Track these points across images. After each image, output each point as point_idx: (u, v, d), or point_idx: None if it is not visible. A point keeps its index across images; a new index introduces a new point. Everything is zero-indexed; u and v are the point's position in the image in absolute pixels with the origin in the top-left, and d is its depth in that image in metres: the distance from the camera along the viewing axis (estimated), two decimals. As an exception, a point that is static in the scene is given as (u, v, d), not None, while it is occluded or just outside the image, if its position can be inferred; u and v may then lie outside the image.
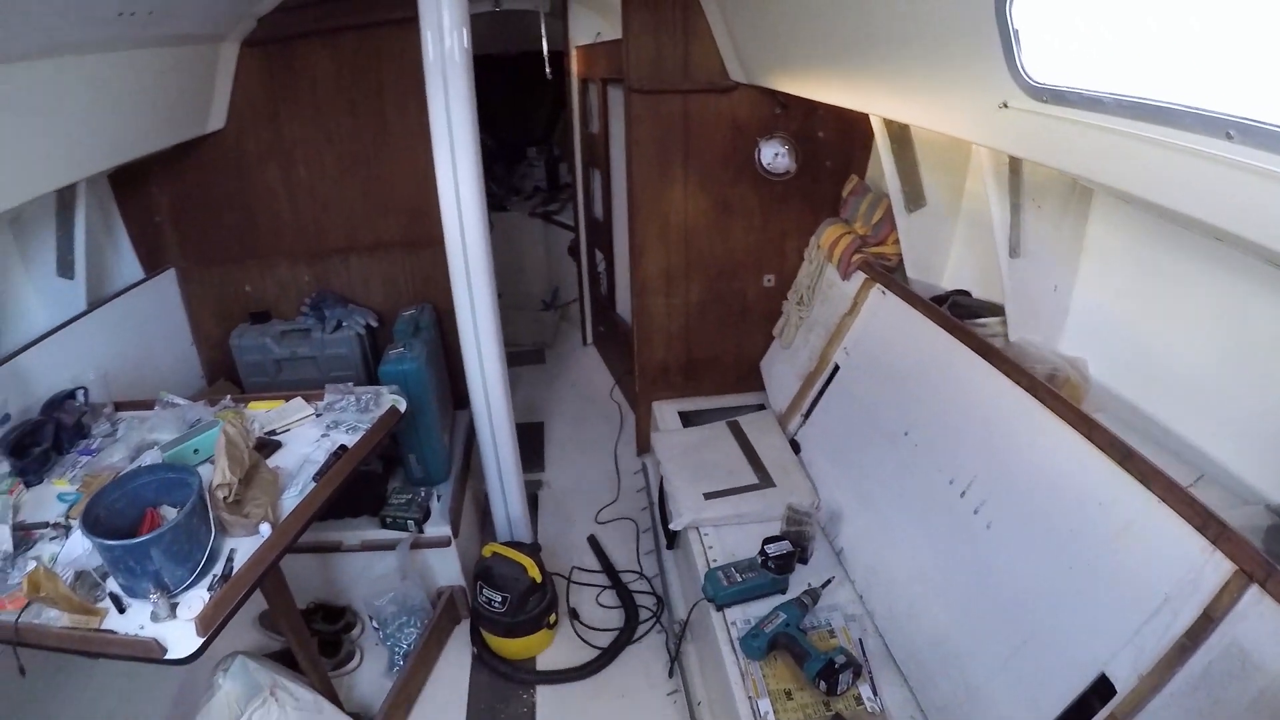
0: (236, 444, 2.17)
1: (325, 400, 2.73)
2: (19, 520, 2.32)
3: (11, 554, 2.19)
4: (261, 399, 2.82)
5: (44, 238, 3.12)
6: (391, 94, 3.40)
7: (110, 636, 1.90)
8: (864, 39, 2.02)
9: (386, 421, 2.63)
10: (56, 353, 3.01)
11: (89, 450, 2.70)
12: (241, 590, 1.97)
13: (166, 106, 3.12)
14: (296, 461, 2.44)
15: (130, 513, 2.12)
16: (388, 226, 3.66)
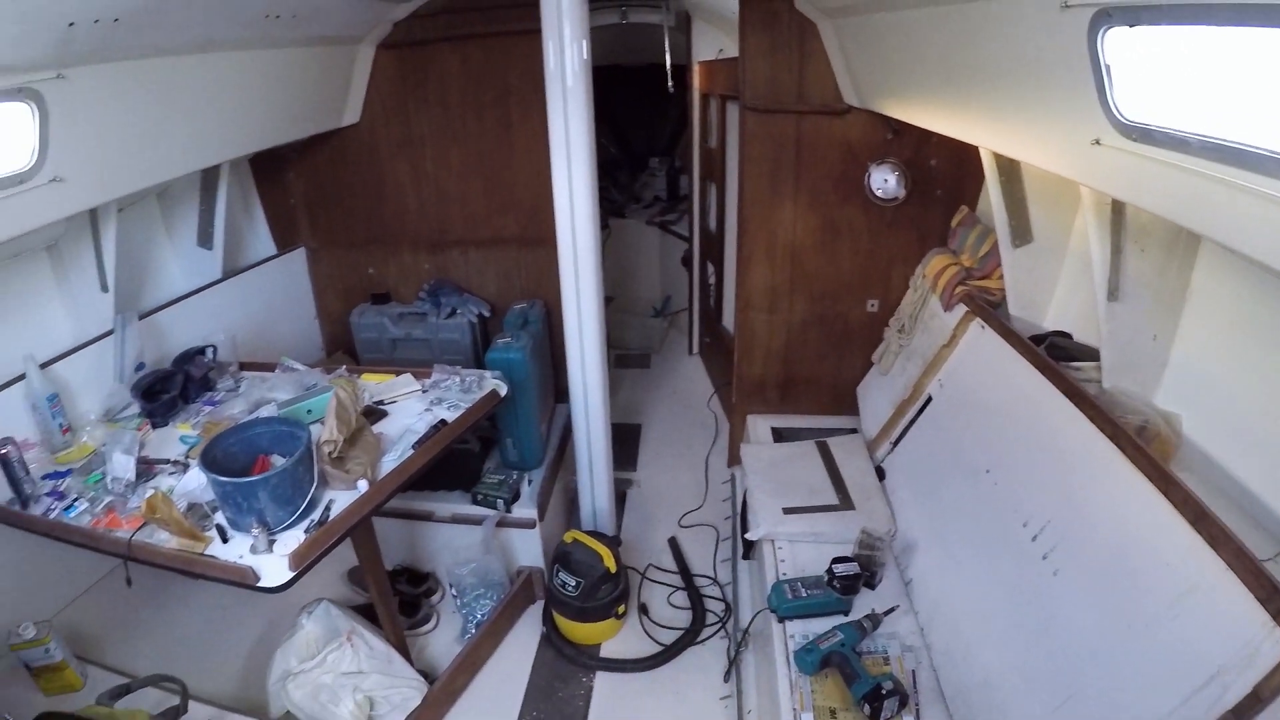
0: (346, 407, 2.34)
1: (432, 378, 2.88)
2: (143, 455, 2.55)
3: (133, 482, 2.43)
4: (374, 371, 3.00)
5: (187, 211, 3.40)
6: (516, 99, 3.54)
7: (212, 561, 2.09)
8: (968, 69, 1.97)
9: (486, 403, 2.77)
10: (191, 313, 3.28)
11: (212, 401, 2.92)
12: (334, 536, 2.14)
13: (306, 100, 3.36)
14: (399, 430, 2.61)
15: (243, 457, 2.32)
16: (506, 224, 3.80)
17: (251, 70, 2.88)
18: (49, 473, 2.57)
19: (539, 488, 3.22)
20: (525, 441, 3.28)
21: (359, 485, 2.27)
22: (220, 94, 2.81)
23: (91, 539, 2.29)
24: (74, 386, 2.82)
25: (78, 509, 2.39)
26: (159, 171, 2.78)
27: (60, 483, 2.50)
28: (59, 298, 2.95)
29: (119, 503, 2.38)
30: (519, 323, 3.40)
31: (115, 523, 2.31)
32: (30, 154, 2.19)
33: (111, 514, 2.35)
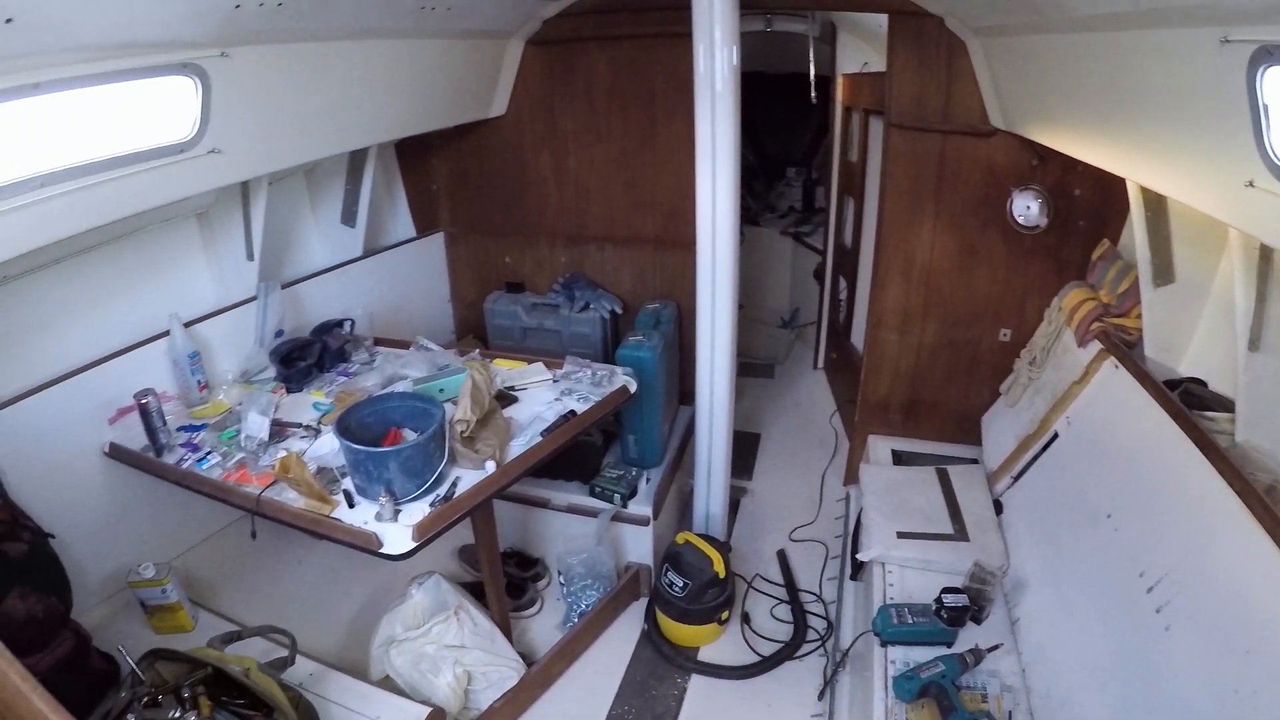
0: (480, 389, 2.47)
1: (564, 369, 3.02)
2: (277, 417, 2.76)
3: (266, 442, 2.63)
4: (507, 357, 3.16)
5: (332, 189, 3.62)
6: (661, 101, 3.60)
7: (338, 524, 2.22)
8: (1121, 98, 1.95)
9: (615, 398, 2.88)
10: (330, 287, 3.51)
11: (346, 372, 3.12)
12: (458, 512, 2.26)
13: (455, 90, 3.52)
14: (528, 416, 2.74)
15: (376, 428, 2.48)
16: (644, 223, 3.89)
17: (404, 59, 3.06)
18: (184, 425, 2.80)
19: (656, 486, 3.32)
20: (647, 440, 3.39)
21: (486, 466, 2.39)
22: (373, 80, 2.99)
23: (221, 491, 2.47)
24: (214, 347, 3.07)
25: (210, 462, 2.59)
26: (310, 150, 2.99)
27: (195, 435, 2.72)
28: (205, 262, 3.21)
29: (250, 460, 2.56)
30: (651, 322, 3.49)
31: (245, 478, 2.49)
32: (192, 126, 2.38)
33: (242, 470, 2.53)
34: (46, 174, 2.10)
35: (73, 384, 2.68)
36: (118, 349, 2.84)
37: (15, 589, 2.26)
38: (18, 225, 2.08)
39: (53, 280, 2.72)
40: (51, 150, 2.13)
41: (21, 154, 2.06)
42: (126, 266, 2.96)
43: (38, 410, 2.59)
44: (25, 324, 2.69)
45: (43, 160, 2.11)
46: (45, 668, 2.32)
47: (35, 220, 2.12)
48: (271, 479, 2.37)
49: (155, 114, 2.32)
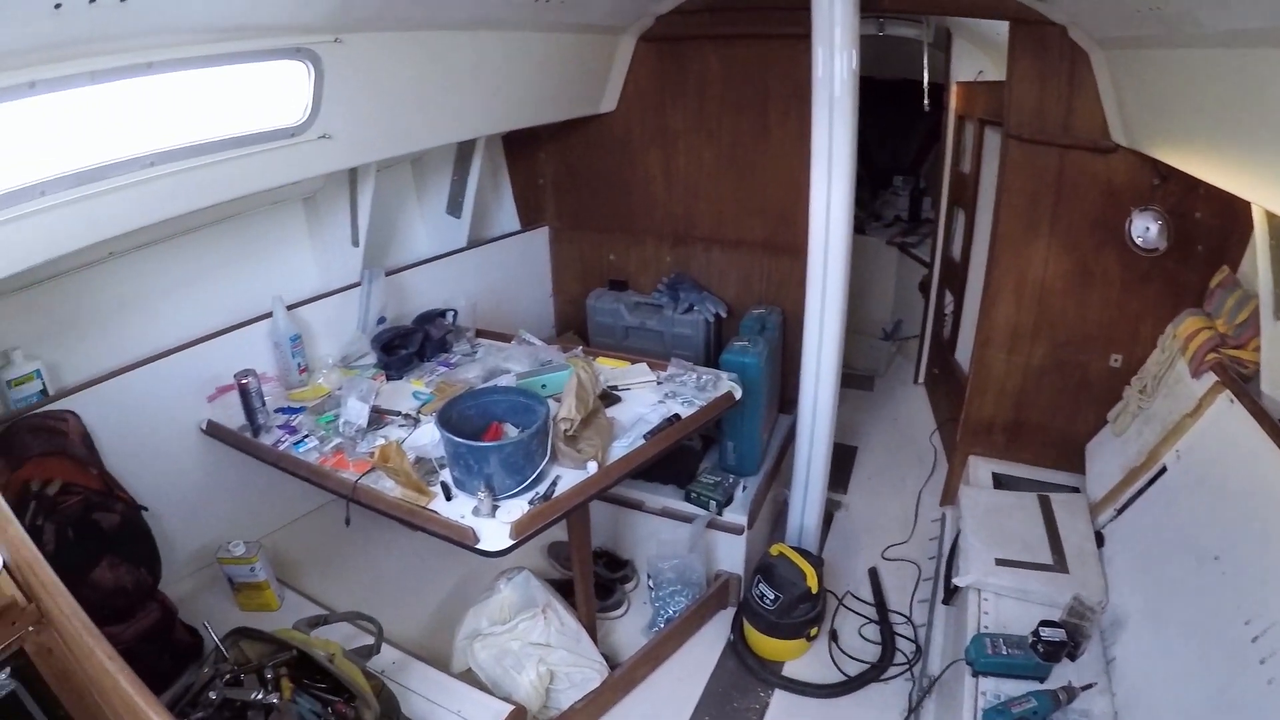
0: (585, 387, 2.51)
1: (668, 371, 3.06)
2: (376, 404, 2.83)
3: (364, 429, 2.72)
4: (610, 356, 3.23)
5: (439, 179, 3.74)
6: (775, 104, 3.60)
7: (435, 516, 2.28)
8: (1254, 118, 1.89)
9: (720, 404, 2.90)
10: (434, 277, 3.63)
11: (447, 363, 3.22)
12: (558, 511, 2.30)
13: (566, 85, 3.59)
14: (631, 418, 2.79)
15: (478, 421, 2.55)
16: (752, 227, 3.90)
17: (517, 51, 3.13)
18: (281, 407, 2.93)
19: (752, 495, 3.34)
20: (746, 447, 3.42)
21: (588, 466, 2.43)
22: (484, 71, 3.06)
23: (318, 475, 2.54)
24: (315, 331, 3.20)
25: (307, 445, 2.68)
26: (419, 139, 3.11)
27: (293, 418, 2.84)
28: (310, 247, 3.36)
29: (348, 446, 2.64)
30: (756, 328, 3.51)
31: (342, 464, 2.57)
32: (303, 110, 2.47)
33: (339, 455, 2.61)
34: (157, 153, 2.18)
35: (175, 360, 2.83)
36: (220, 328, 2.98)
37: (105, 558, 2.37)
38: (126, 203, 2.17)
39: (160, 257, 2.85)
40: (163, 131, 2.20)
41: (133, 133, 2.13)
42: (233, 247, 3.10)
43: (139, 384, 2.73)
44: (131, 299, 2.84)
45: (153, 140, 2.18)
46: (130, 637, 2.44)
47: (144, 199, 2.22)
48: (369, 466, 2.45)
49: (266, 98, 2.41)
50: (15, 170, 1.93)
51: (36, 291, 2.59)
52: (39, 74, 1.81)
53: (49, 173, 1.98)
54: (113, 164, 2.10)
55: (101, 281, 2.75)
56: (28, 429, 2.45)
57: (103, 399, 2.66)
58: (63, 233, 2.10)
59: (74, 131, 2.00)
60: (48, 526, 2.24)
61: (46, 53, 1.79)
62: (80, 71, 1.89)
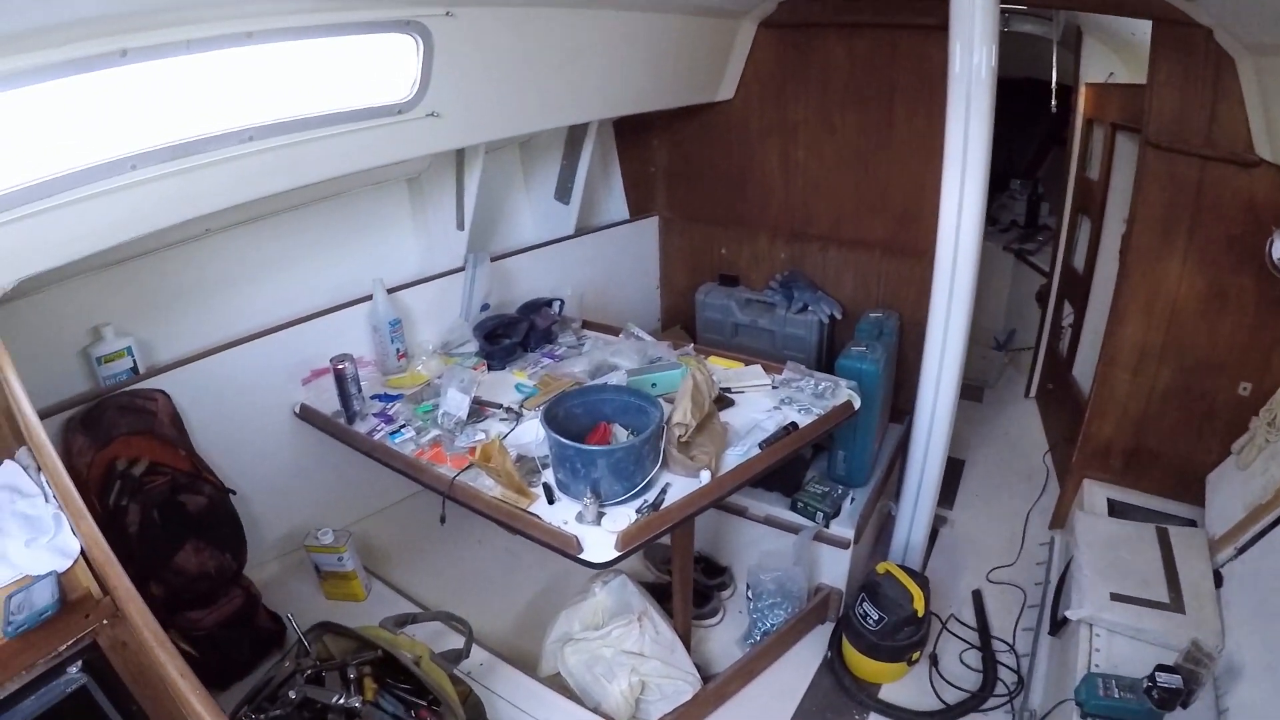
0: (701, 390, 2.45)
1: (783, 375, 2.99)
2: (477, 395, 2.77)
3: (464, 422, 2.66)
4: (722, 355, 3.17)
5: (547, 163, 3.71)
6: (902, 98, 3.50)
7: (536, 520, 2.22)
8: None
9: (839, 414, 2.80)
10: (538, 264, 3.62)
11: (552, 355, 3.19)
12: (667, 523, 2.22)
13: (683, 70, 3.53)
14: (745, 424, 2.70)
15: (585, 420, 2.49)
16: (872, 226, 3.81)
17: (633, 32, 3.08)
18: (377, 394, 2.91)
19: (860, 508, 3.28)
20: (857, 457, 3.36)
21: (701, 475, 2.35)
22: (599, 52, 3.01)
23: (413, 469, 2.50)
24: (416, 315, 3.20)
25: (404, 436, 2.65)
26: (530, 121, 3.07)
27: (389, 406, 2.83)
28: (413, 229, 3.37)
29: (446, 439, 2.60)
30: (874, 333, 3.44)
31: (439, 458, 2.53)
32: (411, 86, 2.42)
33: (436, 448, 2.57)
34: (255, 128, 2.15)
35: (270, 341, 2.85)
36: (318, 310, 3.00)
37: (190, 542, 2.42)
38: (222, 180, 2.17)
39: (258, 235, 2.87)
40: (262, 105, 2.17)
41: (231, 107, 2.09)
42: (333, 227, 3.12)
43: (232, 365, 2.77)
44: (227, 277, 2.86)
45: (252, 114, 2.15)
46: (211, 624, 2.50)
47: (241, 176, 2.21)
48: (468, 462, 2.39)
49: (371, 73, 2.37)
50: (105, 143, 1.92)
51: (130, 267, 2.62)
52: (132, 41, 1.78)
53: (140, 146, 1.97)
54: (208, 138, 2.08)
55: (197, 258, 2.78)
56: (116, 407, 2.49)
57: (194, 379, 2.70)
58: (154, 209, 2.11)
59: (168, 103, 1.98)
60: (133, 507, 2.28)
61: (141, 19, 1.77)
62: (175, 40, 1.86)
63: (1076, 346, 4.30)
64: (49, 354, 2.55)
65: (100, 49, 1.74)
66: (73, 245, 2.01)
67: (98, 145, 1.92)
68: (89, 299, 2.60)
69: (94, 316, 2.60)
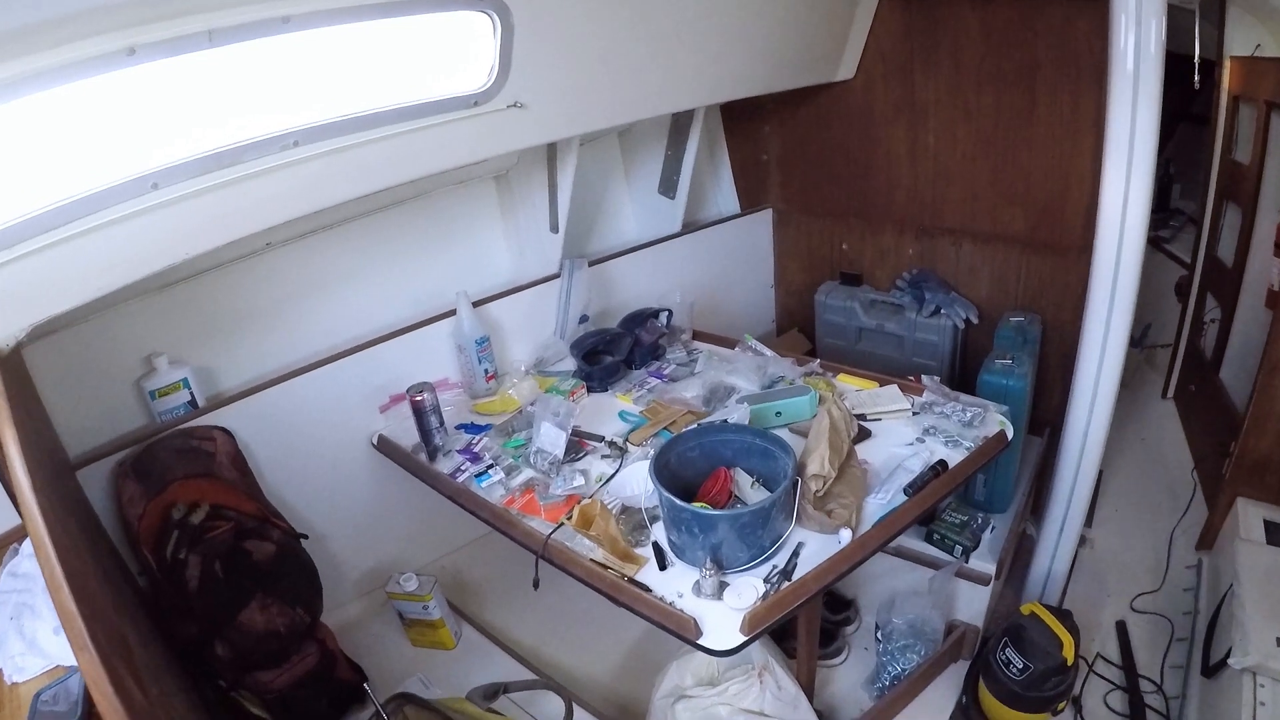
0: (839, 431, 2.23)
1: (924, 397, 2.73)
2: (576, 425, 2.53)
3: (559, 461, 2.41)
4: (852, 373, 2.93)
5: (649, 154, 3.49)
6: (1045, 76, 3.20)
7: (643, 594, 1.98)
8: None
9: (992, 447, 2.51)
10: (644, 266, 3.40)
11: (659, 373, 2.96)
12: (801, 597, 1.94)
13: (798, 48, 3.29)
14: (886, 461, 2.44)
15: (701, 464, 2.23)
16: (1012, 219, 3.53)
17: (740, 7, 2.85)
18: (463, 423, 2.71)
19: (1002, 539, 3.07)
20: (999, 481, 3.14)
21: (840, 535, 2.09)
22: (703, 30, 2.76)
23: (502, 521, 2.29)
24: (506, 330, 3.01)
25: (491, 478, 2.42)
26: (628, 110, 2.84)
27: (476, 439, 2.61)
28: (503, 232, 3.17)
29: (540, 483, 2.37)
30: (1017, 340, 3.21)
31: (531, 507, 2.29)
32: (489, 73, 2.18)
33: (529, 494, 2.35)
34: (300, 131, 1.94)
35: (342, 366, 2.69)
36: (397, 327, 2.83)
37: (256, 598, 2.22)
38: (263, 193, 1.97)
39: (324, 247, 2.71)
40: (309, 103, 1.95)
41: (266, 108, 1.88)
42: (411, 234, 2.94)
43: (301, 394, 2.60)
44: (292, 296, 2.70)
45: (295, 116, 1.93)
46: (283, 684, 2.34)
47: (286, 187, 2.01)
48: (563, 514, 2.20)
49: (440, 60, 2.14)
50: (118, 161, 1.73)
51: (183, 289, 2.47)
52: (140, 36, 1.56)
53: (160, 162, 1.77)
54: (242, 146, 1.87)
55: (258, 276, 2.63)
56: (170, 449, 2.35)
57: (259, 411, 2.55)
58: (186, 232, 1.92)
59: (189, 109, 1.76)
60: (192, 559, 2.11)
61: (148, 8, 1.54)
62: (193, 31, 1.63)
63: (1225, 347, 4.02)
64: (98, 388, 2.41)
65: (103, 48, 1.53)
66: (92, 282, 1.83)
67: (109, 164, 1.73)
68: (140, 326, 2.46)
69: (146, 345, 2.46)
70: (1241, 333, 3.83)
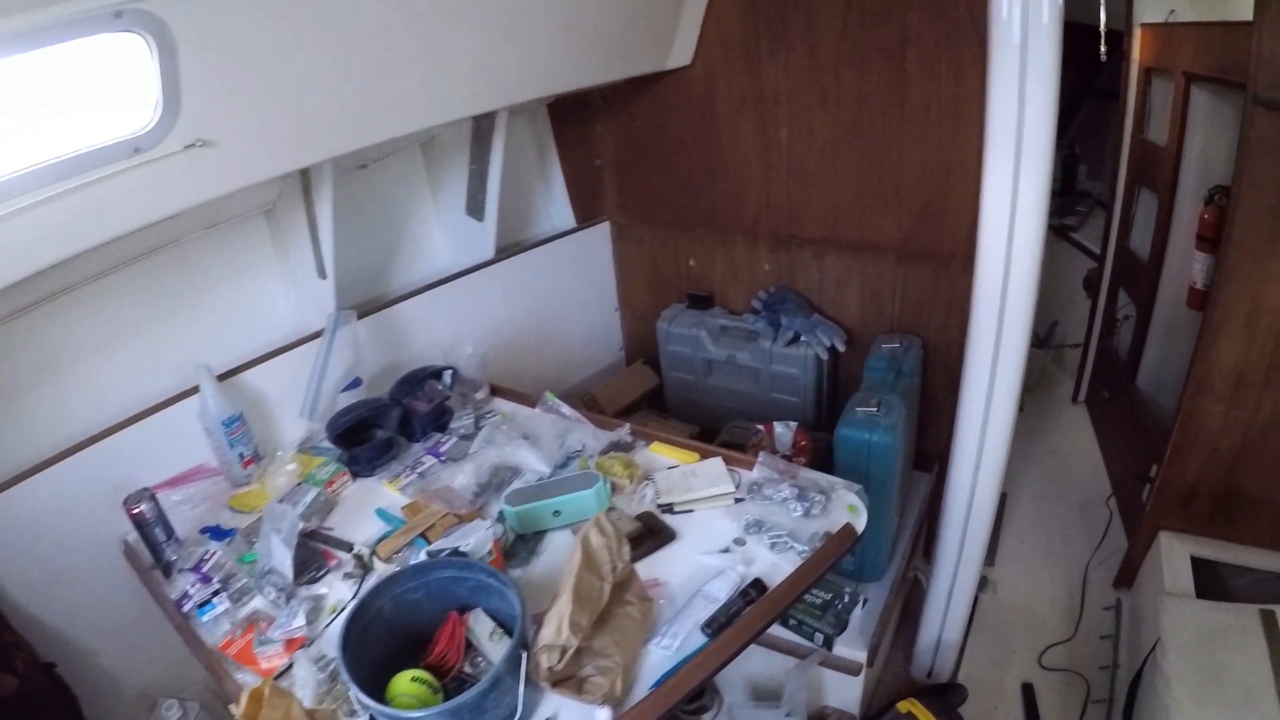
0: (596, 564, 1.50)
1: (755, 473, 1.98)
2: (324, 529, 1.91)
3: (290, 585, 1.71)
4: (668, 443, 2.18)
5: (457, 168, 2.74)
6: (917, 51, 2.51)
7: None
8: None
9: (831, 551, 1.74)
10: (452, 303, 2.74)
11: (438, 451, 2.20)
12: None
13: (617, 31, 2.58)
14: (690, 575, 1.70)
15: (430, 607, 1.56)
16: (883, 224, 2.83)
17: None
18: (210, 526, 2.02)
19: (878, 612, 2.43)
20: (869, 548, 2.48)
21: (597, 716, 1.39)
22: (485, 15, 2.09)
23: (217, 671, 1.64)
24: (273, 400, 2.32)
25: (216, 608, 1.75)
26: (382, 126, 2.09)
27: (210, 553, 1.90)
28: (279, 278, 2.46)
29: (263, 617, 1.69)
30: (889, 372, 2.54)
31: (247, 655, 1.61)
32: (153, 109, 1.56)
33: (250, 631, 1.66)
34: None
35: (79, 460, 2.05)
36: (147, 405, 2.16)
37: None
38: None
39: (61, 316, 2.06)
40: None
41: None
42: (163, 291, 2.26)
43: (40, 496, 2.00)
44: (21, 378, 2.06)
45: None
46: None
47: None
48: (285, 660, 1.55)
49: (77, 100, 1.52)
50: None
51: None
52: None
53: None
54: None
55: None
56: None
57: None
58: None
59: None
60: None
61: None
62: None
63: (1141, 350, 3.36)
64: None
65: None
66: None
67: None
68: None
69: None
70: (1160, 335, 3.21)
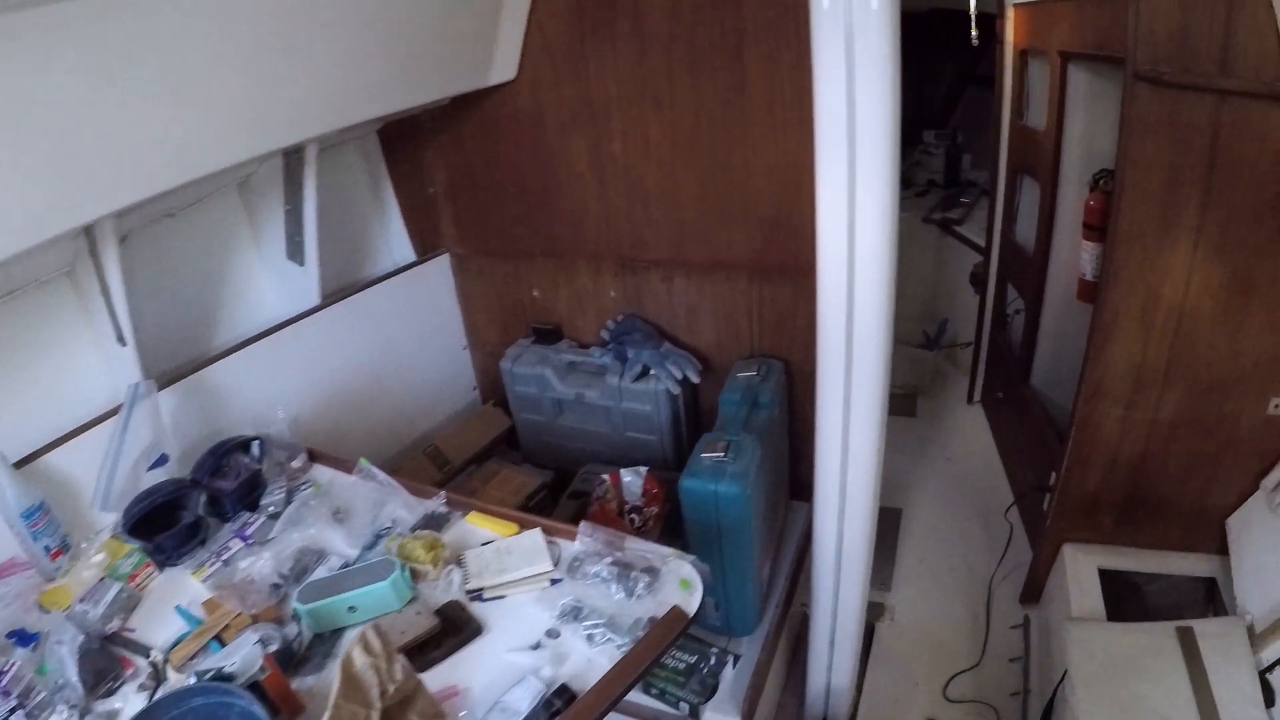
0: (362, 688, 1.16)
1: (577, 544, 1.59)
2: (128, 629, 1.59)
3: (83, 699, 1.42)
4: (485, 513, 1.79)
5: (277, 208, 2.40)
6: (755, 47, 2.21)
7: None
8: None
9: (654, 642, 1.38)
10: (276, 357, 2.34)
11: (244, 534, 1.81)
12: None
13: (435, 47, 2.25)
14: (495, 679, 1.35)
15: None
16: (733, 240, 2.51)
17: None
18: (17, 629, 1.61)
19: (750, 670, 2.09)
20: (736, 601, 2.14)
21: None
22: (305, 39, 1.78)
23: None
24: (85, 482, 1.91)
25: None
26: (158, 175, 1.73)
27: (11, 663, 1.53)
28: (92, 343, 2.06)
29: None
30: (744, 404, 2.20)
31: None
32: None
33: None
34: None
35: None
36: None
37: None
38: None
39: None
40: None
41: None
42: None
43: None
44: None
45: None
46: None
47: None
48: None
49: None
50: None
51: None
52: None
53: None
54: None
55: None
56: None
57: None
58: None
59: None
60: None
61: None
62: None
63: (1034, 346, 3.08)
64: None
65: None
66: None
67: None
68: None
69: None
70: (1051, 331, 2.93)
